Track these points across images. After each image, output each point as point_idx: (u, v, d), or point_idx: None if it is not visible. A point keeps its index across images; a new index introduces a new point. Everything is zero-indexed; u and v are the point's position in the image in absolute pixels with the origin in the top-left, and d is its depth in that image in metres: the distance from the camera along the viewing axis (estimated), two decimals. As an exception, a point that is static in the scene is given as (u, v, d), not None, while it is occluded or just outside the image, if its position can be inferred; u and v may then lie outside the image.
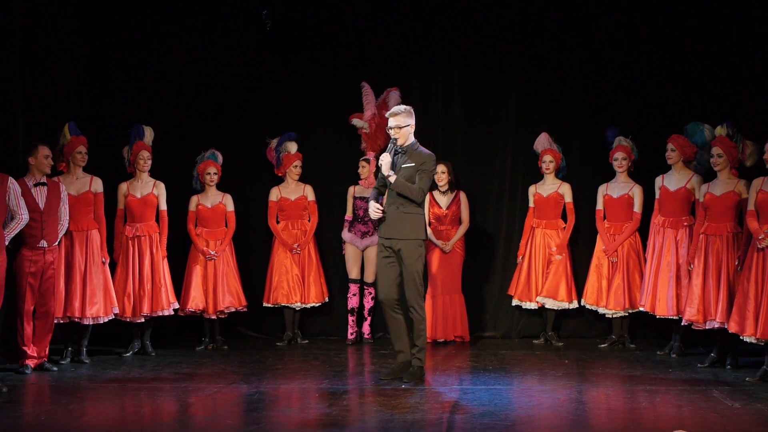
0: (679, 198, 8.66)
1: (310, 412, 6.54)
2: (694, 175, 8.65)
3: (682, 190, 8.66)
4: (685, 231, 8.63)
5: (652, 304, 8.68)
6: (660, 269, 8.64)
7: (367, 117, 9.56)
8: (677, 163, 8.72)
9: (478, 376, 7.82)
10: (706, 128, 8.63)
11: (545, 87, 9.82)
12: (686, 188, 8.65)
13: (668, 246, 8.65)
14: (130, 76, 9.69)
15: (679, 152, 8.68)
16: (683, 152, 8.68)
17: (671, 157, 8.71)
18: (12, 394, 7.10)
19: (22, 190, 7.79)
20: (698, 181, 8.59)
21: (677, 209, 8.68)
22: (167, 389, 7.33)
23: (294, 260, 9.45)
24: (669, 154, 8.71)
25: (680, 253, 8.58)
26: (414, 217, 7.50)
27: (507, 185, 9.90)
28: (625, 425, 6.11)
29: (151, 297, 8.84)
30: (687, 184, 8.64)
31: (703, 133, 8.63)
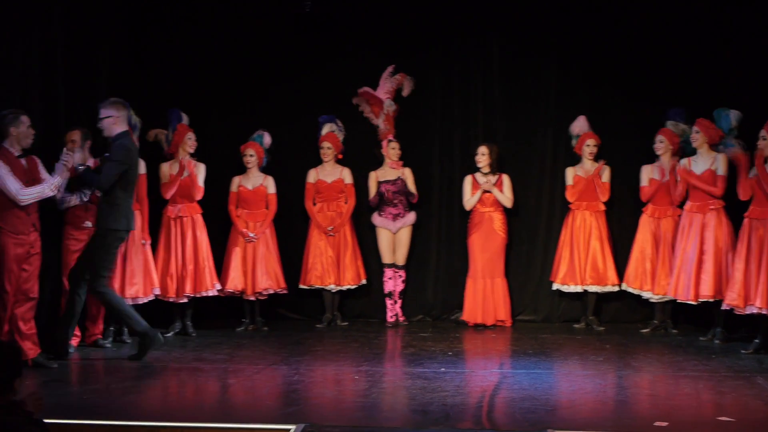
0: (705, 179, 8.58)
1: (348, 393, 6.55)
2: (717, 155, 8.58)
3: (707, 173, 8.55)
4: (713, 214, 8.51)
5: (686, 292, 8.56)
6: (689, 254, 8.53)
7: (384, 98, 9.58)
8: (702, 146, 8.64)
9: (518, 360, 7.79)
10: (732, 113, 8.51)
11: (586, 67, 9.69)
12: (711, 170, 8.56)
13: (696, 230, 8.54)
14: (172, 57, 9.71)
15: (704, 135, 8.60)
16: (708, 135, 8.60)
17: (696, 139, 8.65)
18: (57, 373, 7.18)
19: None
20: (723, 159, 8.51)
21: (703, 193, 8.59)
22: (207, 370, 7.37)
23: (329, 242, 9.45)
24: (693, 136, 8.66)
25: (705, 237, 8.48)
26: (103, 207, 7.63)
27: (548, 167, 9.81)
28: (667, 411, 6.04)
29: (193, 277, 8.88)
30: (711, 165, 8.55)
31: (728, 117, 8.52)
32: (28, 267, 7.27)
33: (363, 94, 9.64)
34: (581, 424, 5.66)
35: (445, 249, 9.97)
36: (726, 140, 8.54)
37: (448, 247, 9.97)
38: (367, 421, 5.81)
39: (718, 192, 8.55)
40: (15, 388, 4.06)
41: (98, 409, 5.97)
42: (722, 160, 8.56)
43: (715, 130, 8.58)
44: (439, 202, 9.96)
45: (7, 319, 7.19)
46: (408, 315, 9.74)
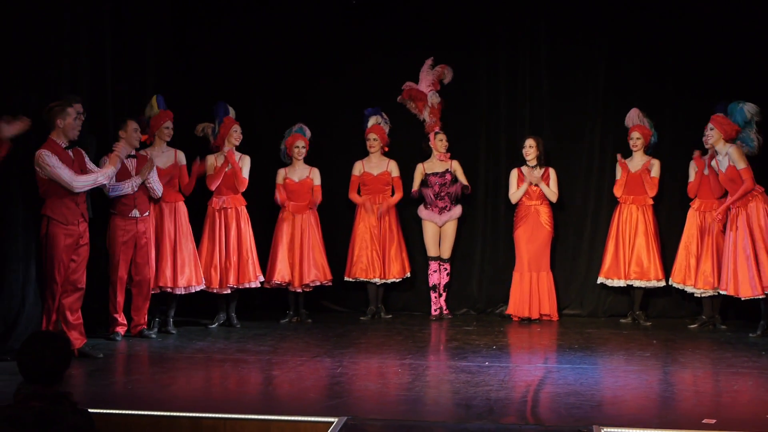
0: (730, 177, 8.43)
1: (391, 387, 6.53)
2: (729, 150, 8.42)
3: (730, 169, 8.41)
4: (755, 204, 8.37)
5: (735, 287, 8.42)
6: (742, 248, 8.38)
7: (426, 91, 9.53)
8: (719, 142, 8.51)
9: (563, 355, 7.71)
10: (747, 106, 8.40)
11: (636, 60, 9.58)
12: (731, 166, 8.42)
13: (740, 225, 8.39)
14: (217, 50, 9.77)
15: (719, 131, 8.48)
16: (723, 131, 8.47)
17: (711, 136, 8.55)
18: (102, 363, 7.24)
19: None
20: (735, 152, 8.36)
21: (733, 189, 8.45)
22: (251, 361, 7.40)
23: (375, 235, 9.44)
24: (708, 134, 8.55)
25: (753, 227, 8.34)
26: None
27: (596, 161, 9.72)
28: (715, 409, 5.94)
29: (237, 269, 8.92)
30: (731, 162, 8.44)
31: (743, 111, 8.41)
32: (77, 257, 7.35)
33: (406, 90, 9.60)
34: (627, 420, 5.59)
35: (490, 242, 9.92)
36: (742, 135, 8.42)
37: (493, 240, 9.92)
38: (410, 414, 5.79)
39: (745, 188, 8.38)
40: (63, 379, 4.09)
41: (142, 400, 6.01)
42: (735, 153, 8.37)
43: (730, 125, 8.46)
44: (485, 196, 9.91)
45: (55, 309, 7.27)
46: (452, 308, 9.70)
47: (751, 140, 8.45)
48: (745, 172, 8.34)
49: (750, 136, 8.42)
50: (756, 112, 8.44)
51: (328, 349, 7.85)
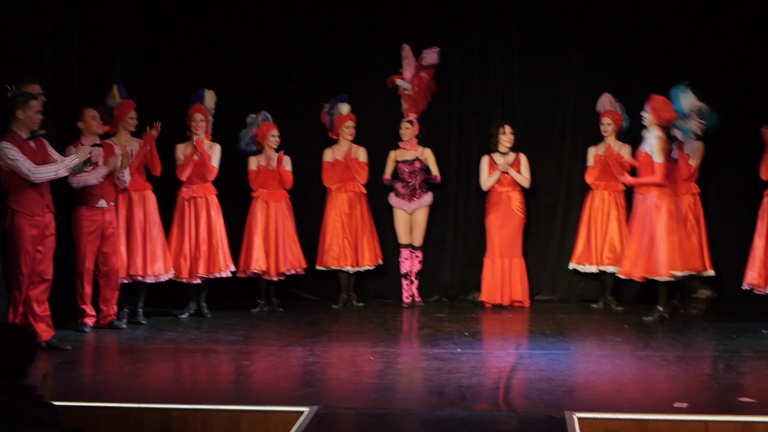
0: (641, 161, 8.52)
1: (363, 375, 6.49)
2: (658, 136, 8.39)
3: (646, 154, 8.43)
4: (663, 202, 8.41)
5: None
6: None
7: (408, 78, 9.47)
8: (652, 126, 8.42)
9: (535, 341, 7.71)
10: (686, 97, 8.33)
11: (607, 46, 9.57)
12: (647, 153, 8.42)
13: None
14: (187, 35, 9.65)
15: (653, 115, 8.37)
16: (658, 116, 8.35)
17: (645, 118, 8.45)
18: (70, 355, 7.15)
19: None
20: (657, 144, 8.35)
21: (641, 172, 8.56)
22: (222, 351, 7.34)
23: (346, 223, 9.39)
24: (644, 115, 8.43)
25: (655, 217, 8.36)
26: None
27: (567, 146, 9.71)
28: (686, 392, 5.96)
29: (207, 258, 8.84)
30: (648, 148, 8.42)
31: (682, 103, 8.36)
32: (43, 248, 7.24)
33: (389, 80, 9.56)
34: (599, 405, 5.59)
35: (462, 229, 9.90)
36: (680, 123, 8.35)
37: (465, 227, 9.90)
38: (382, 402, 5.76)
39: (653, 181, 8.39)
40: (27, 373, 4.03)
41: (111, 392, 5.95)
42: (656, 145, 8.32)
43: (668, 111, 8.33)
44: (457, 182, 9.88)
45: (22, 301, 7.18)
46: (424, 295, 9.68)
47: (688, 130, 8.40)
48: (661, 167, 8.31)
49: (687, 126, 8.36)
50: (695, 106, 8.36)
51: (300, 338, 7.80)
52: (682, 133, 8.44)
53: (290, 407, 5.46)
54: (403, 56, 9.55)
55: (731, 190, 9.27)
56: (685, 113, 8.35)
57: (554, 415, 5.26)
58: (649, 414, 5.34)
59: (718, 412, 5.39)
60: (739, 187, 9.07)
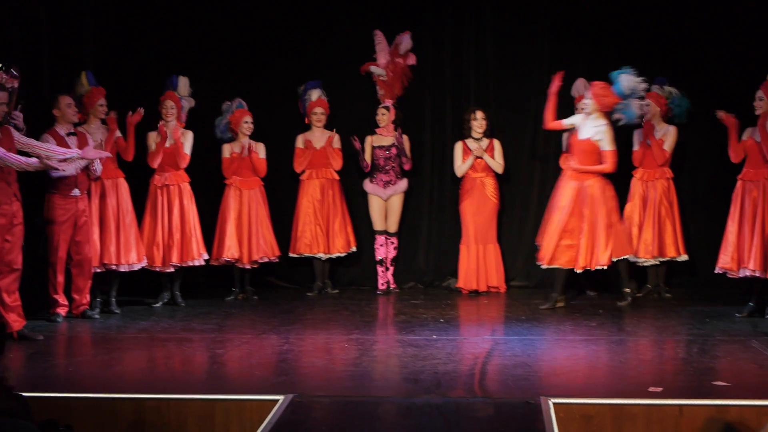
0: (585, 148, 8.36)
1: (338, 363, 6.47)
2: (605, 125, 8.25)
3: (590, 142, 8.30)
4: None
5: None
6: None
7: (382, 64, 9.42)
8: (594, 112, 8.25)
9: (511, 327, 7.71)
10: (625, 79, 8.14)
11: (581, 30, 9.54)
12: (591, 141, 8.28)
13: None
14: (158, 24, 9.53)
15: (595, 102, 8.23)
16: (599, 102, 8.21)
17: (587, 105, 8.30)
18: (42, 345, 7.08)
19: (56, 141, 7.79)
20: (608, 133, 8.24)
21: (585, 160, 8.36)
22: (196, 340, 7.29)
23: (318, 209, 9.34)
24: (585, 102, 8.36)
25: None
26: None
27: (541, 131, 9.67)
28: (661, 377, 5.99)
29: (180, 247, 8.78)
30: (593, 136, 8.24)
31: (621, 84, 8.18)
32: (11, 238, 7.14)
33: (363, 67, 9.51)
34: (575, 391, 5.60)
35: (436, 215, 9.88)
36: (622, 106, 8.20)
37: (439, 213, 9.88)
38: (357, 390, 5.74)
39: (605, 169, 8.31)
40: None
41: (83, 382, 5.90)
42: (607, 133, 8.23)
43: (610, 96, 8.20)
44: (431, 168, 9.85)
45: (-8, 291, 7.08)
46: (399, 282, 9.65)
47: (632, 111, 8.25)
48: (611, 155, 8.24)
49: (631, 108, 8.22)
50: (637, 86, 8.20)
51: (274, 326, 7.76)
52: (626, 116, 8.28)
53: (265, 396, 5.44)
54: (376, 42, 9.50)
55: (704, 175, 9.31)
56: (626, 94, 8.18)
57: (530, 401, 5.26)
58: (624, 399, 5.35)
59: (692, 396, 5.41)
60: (713, 171, 9.12)
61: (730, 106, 8.33)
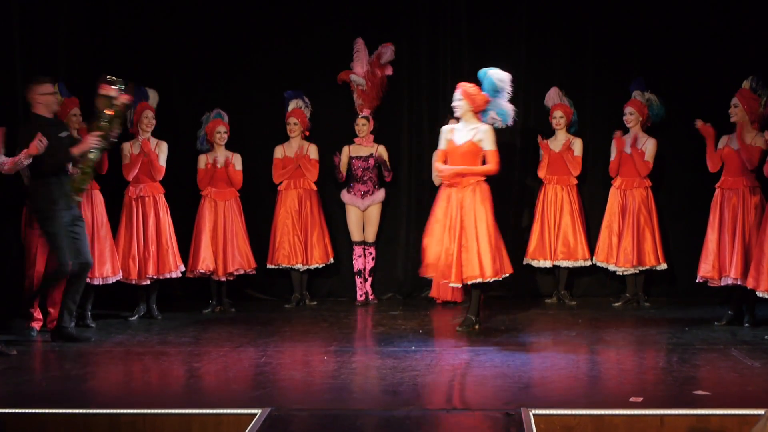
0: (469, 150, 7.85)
1: (317, 375, 6.40)
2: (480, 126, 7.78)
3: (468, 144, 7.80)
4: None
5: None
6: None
7: (360, 73, 9.38)
8: (466, 114, 7.78)
9: (489, 337, 7.66)
10: (495, 74, 7.74)
11: (557, 38, 9.59)
12: (472, 141, 7.75)
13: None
14: (131, 34, 9.45)
15: (468, 102, 7.72)
16: (472, 102, 7.70)
17: (460, 108, 7.78)
18: (15, 360, 6.97)
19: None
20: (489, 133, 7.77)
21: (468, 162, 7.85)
22: (173, 353, 7.20)
23: (296, 220, 9.29)
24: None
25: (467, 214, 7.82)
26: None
27: (518, 140, 9.68)
28: (641, 386, 5.96)
29: (156, 259, 8.69)
30: (473, 137, 7.74)
31: (491, 79, 7.72)
32: None
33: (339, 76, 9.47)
34: (555, 401, 5.56)
35: (414, 225, 9.82)
36: (493, 105, 7.79)
37: (417, 223, 9.81)
38: (336, 403, 5.68)
39: (489, 170, 7.84)
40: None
41: (58, 397, 5.79)
42: (488, 133, 7.72)
43: (480, 95, 7.74)
44: (408, 178, 9.82)
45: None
46: (378, 293, 9.61)
47: (505, 111, 7.80)
48: (494, 155, 7.77)
49: (503, 107, 7.80)
50: (505, 79, 7.76)
51: (252, 339, 7.68)
52: (501, 118, 7.81)
53: (242, 410, 5.38)
54: (355, 50, 9.45)
55: (683, 184, 9.33)
56: (496, 90, 7.75)
57: (510, 412, 5.22)
58: (605, 409, 5.33)
59: (673, 406, 5.40)
60: (691, 180, 9.15)
61: (705, 113, 8.36)
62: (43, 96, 7.60)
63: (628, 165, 8.96)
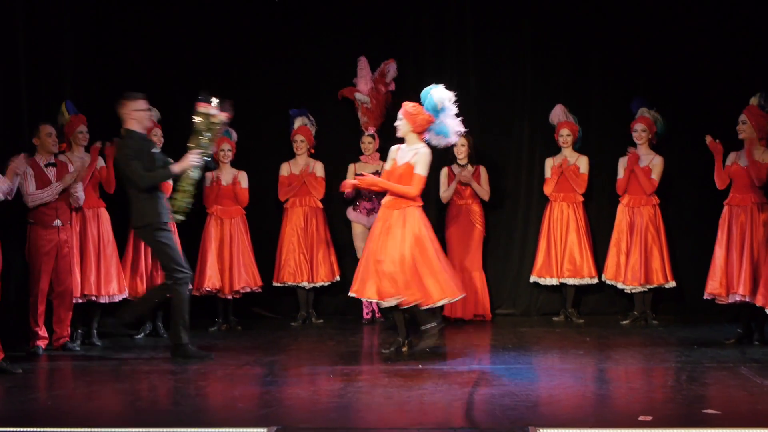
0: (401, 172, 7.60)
1: (323, 394, 6.36)
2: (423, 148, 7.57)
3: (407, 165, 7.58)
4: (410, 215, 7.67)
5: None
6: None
7: (364, 91, 9.38)
8: (407, 134, 7.58)
9: (497, 355, 7.63)
10: (436, 92, 7.53)
11: (562, 54, 9.61)
12: (410, 164, 7.54)
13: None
14: (137, 52, 9.50)
15: (408, 122, 7.52)
16: (413, 122, 7.49)
17: (401, 127, 7.60)
18: (21, 378, 6.95)
19: (34, 172, 7.72)
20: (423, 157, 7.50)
21: None
22: (179, 371, 7.16)
23: (302, 238, 9.27)
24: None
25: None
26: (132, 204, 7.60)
27: (525, 157, 9.68)
28: (651, 405, 5.91)
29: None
30: (411, 159, 7.51)
31: (432, 98, 7.52)
32: None
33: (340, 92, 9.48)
34: (563, 420, 5.53)
35: (421, 243, 9.79)
36: (436, 124, 7.59)
37: (424, 241, 9.79)
38: (342, 422, 5.64)
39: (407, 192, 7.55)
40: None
41: (63, 416, 5.77)
42: (423, 157, 7.48)
43: (421, 115, 7.53)
44: (415, 195, 9.78)
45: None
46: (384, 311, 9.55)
47: (446, 129, 7.55)
48: (420, 180, 7.51)
49: (445, 125, 7.59)
50: (446, 96, 7.54)
51: (258, 357, 7.66)
52: (443, 135, 7.58)
53: (249, 428, 5.35)
54: (359, 68, 9.47)
55: (690, 201, 9.31)
56: (438, 110, 7.54)
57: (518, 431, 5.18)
58: (613, 428, 5.29)
59: (683, 425, 5.35)
60: (698, 197, 9.12)
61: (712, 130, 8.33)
62: (137, 112, 7.69)
63: (637, 183, 8.94)
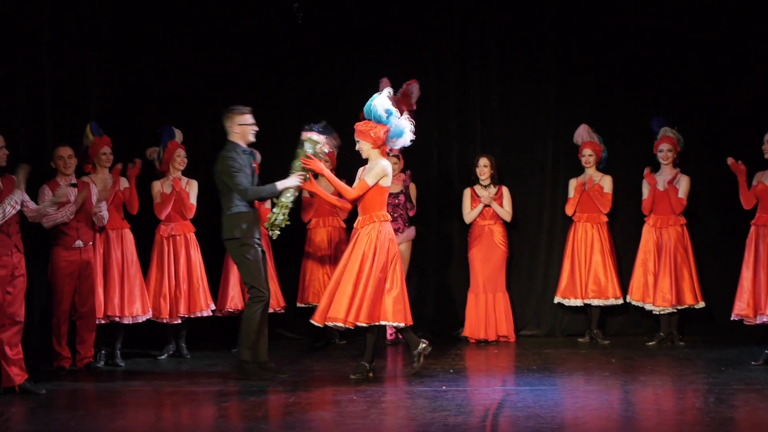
0: None
1: (346, 415, 6.32)
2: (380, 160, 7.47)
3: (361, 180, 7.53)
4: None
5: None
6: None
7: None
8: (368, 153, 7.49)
9: (522, 377, 7.57)
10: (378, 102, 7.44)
11: (587, 74, 9.57)
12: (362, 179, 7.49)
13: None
14: (161, 69, 9.53)
15: (366, 141, 7.44)
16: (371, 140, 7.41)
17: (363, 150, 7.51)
18: (44, 399, 6.95)
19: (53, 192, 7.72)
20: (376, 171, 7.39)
21: None
22: (202, 393, 7.16)
23: (326, 258, 9.24)
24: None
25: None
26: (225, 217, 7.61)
27: (548, 177, 9.64)
28: (677, 427, 5.85)
29: (187, 297, 8.68)
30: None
31: (375, 109, 7.39)
32: (13, 290, 7.05)
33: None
34: (589, 443, 5.46)
35: (445, 263, 9.77)
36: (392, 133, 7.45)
37: (447, 261, 9.77)
38: (366, 443, 5.61)
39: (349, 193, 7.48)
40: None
41: (86, 437, 5.77)
42: (376, 169, 7.37)
43: (375, 128, 7.42)
44: (438, 216, 9.78)
45: (-6, 345, 6.97)
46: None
47: (400, 129, 7.44)
48: (362, 185, 7.44)
49: (397, 126, 7.44)
50: (385, 99, 7.48)
51: (281, 378, 7.61)
52: (397, 136, 7.47)
53: (272, 450, 5.32)
54: (381, 89, 9.44)
55: (717, 221, 9.23)
56: (385, 117, 7.45)
57: (544, 454, 5.13)
58: (641, 451, 5.22)
59: (711, 448, 5.27)
60: (725, 217, 9.05)
61: (737, 149, 8.29)
62: (241, 126, 7.79)
63: (663, 203, 8.88)
